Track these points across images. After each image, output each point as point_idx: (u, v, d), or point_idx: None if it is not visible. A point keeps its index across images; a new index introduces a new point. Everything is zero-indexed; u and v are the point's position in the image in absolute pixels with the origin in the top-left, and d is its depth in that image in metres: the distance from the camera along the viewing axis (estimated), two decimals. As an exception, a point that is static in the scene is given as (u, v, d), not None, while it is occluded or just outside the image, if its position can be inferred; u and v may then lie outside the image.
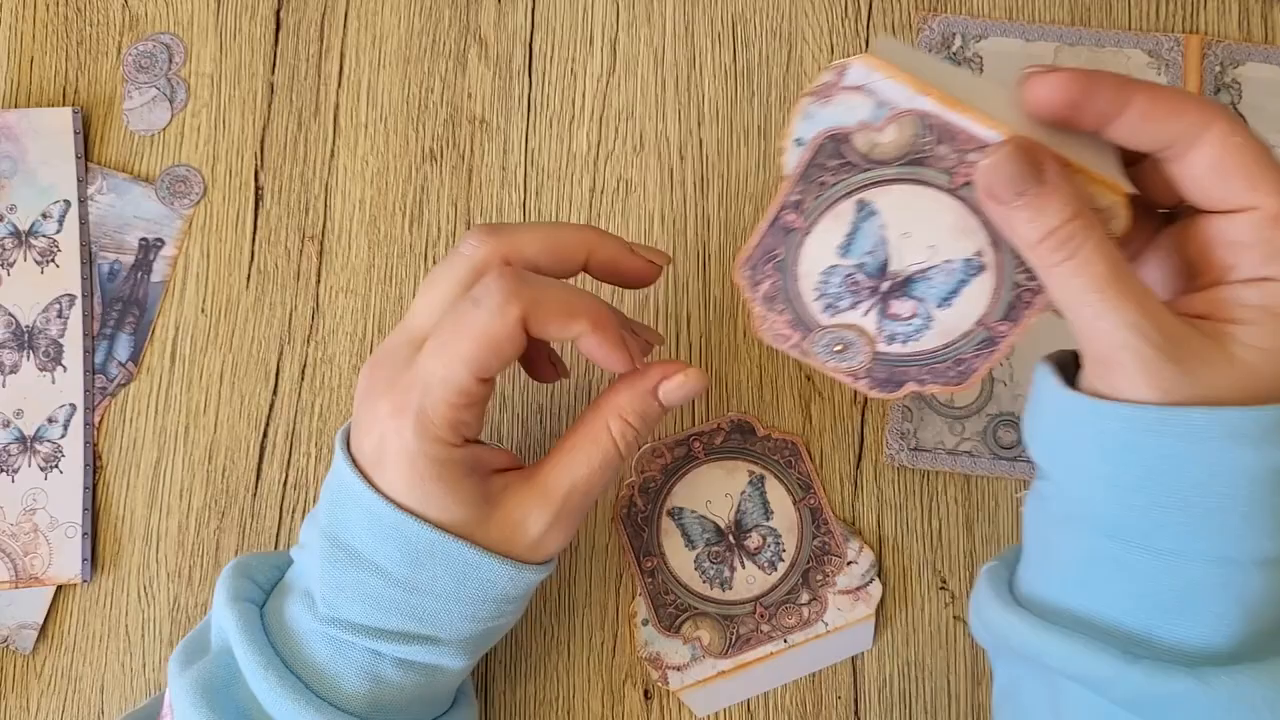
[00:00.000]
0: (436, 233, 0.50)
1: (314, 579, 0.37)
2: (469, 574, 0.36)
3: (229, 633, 0.37)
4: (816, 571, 0.45)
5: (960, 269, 0.33)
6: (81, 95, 0.51)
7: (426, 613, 0.37)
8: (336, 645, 0.37)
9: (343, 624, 0.37)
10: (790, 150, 0.33)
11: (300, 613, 0.37)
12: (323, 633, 0.37)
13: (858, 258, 0.34)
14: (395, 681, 0.37)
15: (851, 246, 0.34)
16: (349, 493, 0.37)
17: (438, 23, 0.51)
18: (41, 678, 0.48)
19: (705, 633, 0.45)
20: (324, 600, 0.37)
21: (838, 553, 0.45)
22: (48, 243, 0.50)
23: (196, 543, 0.48)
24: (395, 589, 0.36)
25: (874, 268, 0.34)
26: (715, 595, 0.45)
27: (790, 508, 0.46)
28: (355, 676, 0.37)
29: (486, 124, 0.50)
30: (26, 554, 0.48)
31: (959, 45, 0.49)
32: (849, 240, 0.34)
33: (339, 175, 0.50)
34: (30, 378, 0.49)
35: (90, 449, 0.49)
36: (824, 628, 0.45)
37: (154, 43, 0.51)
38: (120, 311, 0.50)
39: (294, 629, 0.37)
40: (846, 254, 0.34)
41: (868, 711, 0.46)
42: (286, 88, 0.51)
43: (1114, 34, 0.48)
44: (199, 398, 0.49)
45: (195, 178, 0.50)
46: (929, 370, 0.35)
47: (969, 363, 0.34)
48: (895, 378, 0.35)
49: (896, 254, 0.34)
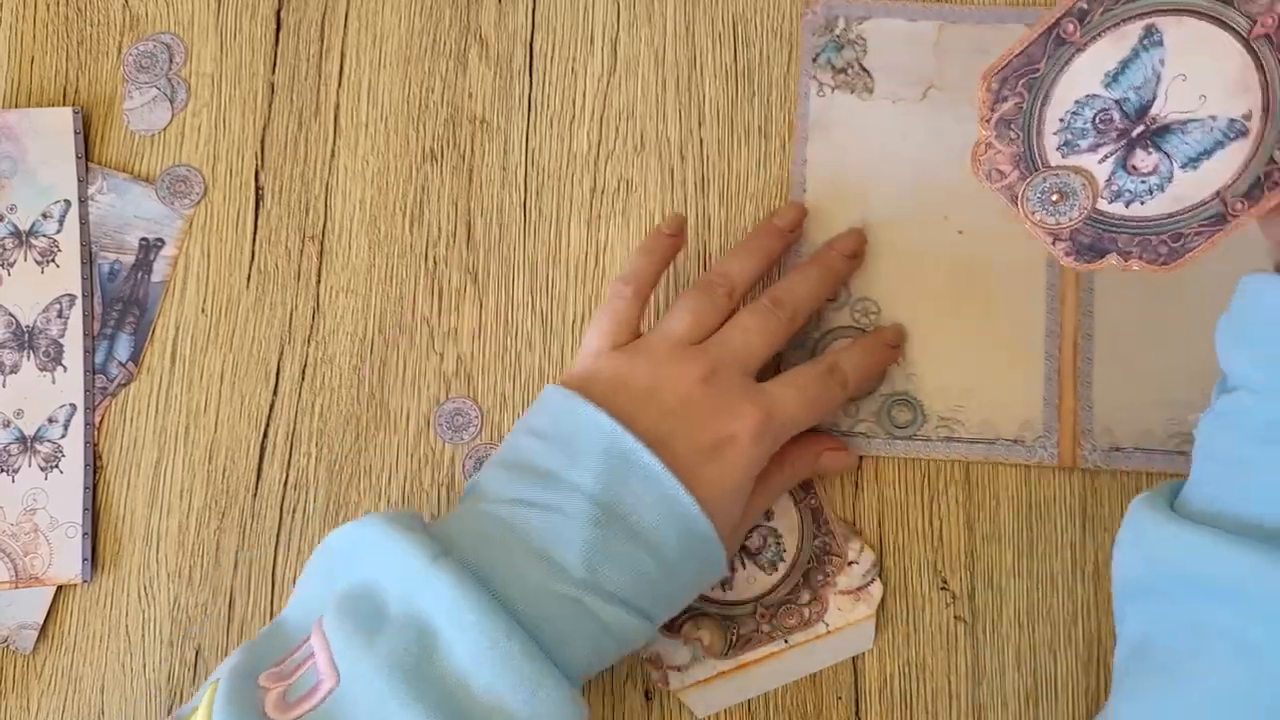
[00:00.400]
0: (437, 233, 0.50)
1: (566, 543, 0.37)
2: (707, 570, 0.41)
3: (439, 598, 0.35)
4: (817, 572, 0.45)
5: (1222, 129, 0.31)
6: (82, 95, 0.51)
7: (667, 597, 0.40)
8: (580, 612, 0.37)
9: (601, 593, 0.37)
10: None
11: (542, 575, 0.36)
12: (572, 598, 0.37)
13: (1122, 91, 0.32)
14: (609, 654, 0.38)
15: (1121, 76, 0.32)
16: (638, 470, 0.38)
17: (438, 22, 0.51)
18: (42, 678, 0.48)
19: (706, 633, 0.45)
20: (586, 566, 0.37)
21: (838, 553, 0.45)
22: (48, 243, 0.50)
23: (197, 543, 0.48)
24: (660, 571, 0.38)
25: (1135, 106, 0.32)
26: (716, 595, 0.45)
27: (791, 508, 0.46)
28: (584, 646, 0.37)
29: (487, 124, 0.50)
30: (27, 554, 0.48)
31: (842, 28, 0.49)
32: (1121, 68, 0.32)
33: (339, 175, 0.50)
34: (30, 378, 0.49)
35: (90, 449, 0.49)
36: (825, 628, 0.45)
37: (154, 43, 0.51)
38: (120, 311, 0.50)
39: (534, 591, 0.36)
40: (1113, 85, 0.32)
41: (868, 711, 0.46)
42: (287, 88, 0.51)
43: (996, 10, 0.49)
44: (199, 398, 0.49)
45: (195, 178, 0.50)
46: (1140, 242, 0.32)
47: (1187, 240, 0.31)
48: (1099, 245, 0.32)
49: (1164, 96, 0.31)
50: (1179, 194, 0.31)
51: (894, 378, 0.47)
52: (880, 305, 0.48)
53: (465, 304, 0.49)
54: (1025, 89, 0.33)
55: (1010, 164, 0.33)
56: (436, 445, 0.48)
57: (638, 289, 0.44)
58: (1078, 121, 0.32)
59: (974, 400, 0.47)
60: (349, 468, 0.48)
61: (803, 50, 0.49)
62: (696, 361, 0.41)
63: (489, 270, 0.49)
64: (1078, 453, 0.46)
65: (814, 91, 0.49)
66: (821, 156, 0.49)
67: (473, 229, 0.50)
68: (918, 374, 0.47)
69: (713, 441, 0.40)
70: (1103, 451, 0.46)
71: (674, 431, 0.40)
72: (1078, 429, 0.46)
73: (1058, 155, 0.32)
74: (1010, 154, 0.33)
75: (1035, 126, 0.33)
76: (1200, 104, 0.31)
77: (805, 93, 0.49)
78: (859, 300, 0.48)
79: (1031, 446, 0.46)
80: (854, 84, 0.49)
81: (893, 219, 0.48)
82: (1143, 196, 0.32)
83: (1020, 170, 0.33)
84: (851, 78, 0.49)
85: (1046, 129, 0.33)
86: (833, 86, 0.49)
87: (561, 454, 0.39)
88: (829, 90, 0.49)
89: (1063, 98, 0.32)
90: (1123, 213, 0.32)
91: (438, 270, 0.49)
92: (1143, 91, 0.32)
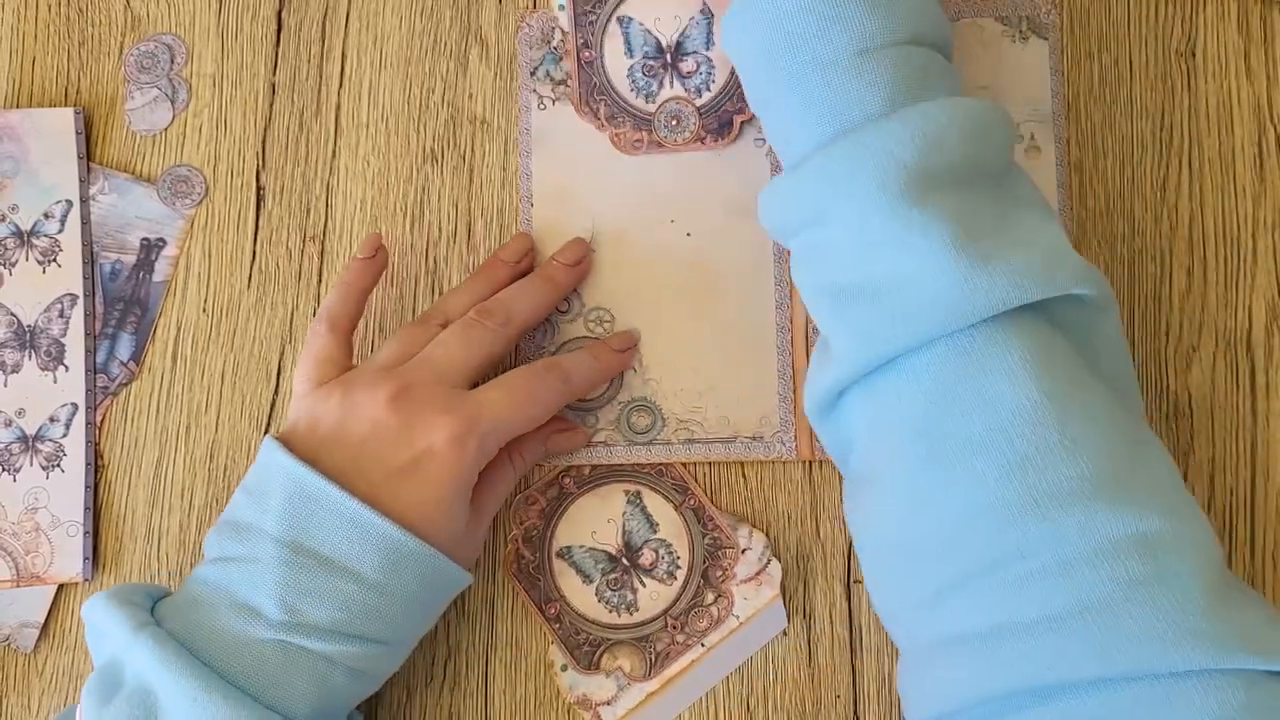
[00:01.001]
0: (438, 233, 0.50)
1: (261, 589, 0.38)
2: (436, 580, 0.40)
3: (148, 664, 0.37)
4: (714, 569, 0.45)
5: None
6: (83, 95, 0.51)
7: (391, 616, 0.39)
8: (289, 652, 0.38)
9: (305, 629, 0.38)
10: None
11: (242, 626, 0.38)
12: (276, 641, 0.38)
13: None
14: (343, 686, 0.39)
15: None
16: (322, 502, 0.39)
17: (439, 23, 0.51)
18: (43, 676, 0.48)
19: (624, 660, 0.45)
20: (282, 607, 0.38)
21: (730, 544, 0.45)
22: (49, 242, 0.50)
23: (197, 542, 0.48)
24: (370, 595, 0.39)
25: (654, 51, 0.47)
26: (624, 621, 0.45)
27: (673, 514, 0.46)
28: (303, 684, 0.38)
29: (488, 124, 0.50)
30: (28, 553, 0.48)
31: (558, 40, 0.50)
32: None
33: (340, 176, 0.50)
34: (32, 377, 0.49)
35: (92, 448, 0.49)
36: (736, 620, 0.45)
37: (156, 43, 0.52)
38: (122, 311, 0.50)
39: (234, 643, 0.38)
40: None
41: (867, 711, 0.46)
42: (288, 88, 0.51)
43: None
44: (200, 397, 0.49)
45: (197, 178, 0.51)
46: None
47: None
48: (724, 119, 0.46)
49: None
50: (723, 60, 0.49)
51: (632, 384, 0.48)
52: (614, 313, 0.48)
53: (465, 304, 0.49)
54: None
55: (635, 130, 0.48)
56: (437, 445, 0.49)
57: (332, 324, 0.44)
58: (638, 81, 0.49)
59: (712, 400, 0.47)
60: (349, 467, 0.49)
61: (520, 64, 0.50)
62: (385, 384, 0.41)
63: (489, 270, 0.50)
64: (815, 445, 0.47)
65: (535, 105, 0.50)
66: (546, 169, 0.49)
67: (473, 229, 0.50)
68: (655, 378, 0.48)
69: (409, 458, 0.40)
70: None
71: (364, 456, 0.40)
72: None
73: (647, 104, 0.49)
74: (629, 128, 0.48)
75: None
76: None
77: (526, 106, 0.50)
78: (592, 310, 0.48)
79: (770, 442, 0.47)
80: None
81: (621, 227, 0.49)
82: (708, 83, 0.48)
83: (643, 130, 0.49)
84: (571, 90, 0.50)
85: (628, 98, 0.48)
86: (553, 99, 0.49)
87: (255, 504, 0.40)
88: (550, 103, 0.49)
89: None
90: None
91: (438, 270, 0.50)
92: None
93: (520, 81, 0.50)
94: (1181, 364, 0.48)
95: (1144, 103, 0.49)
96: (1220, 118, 0.49)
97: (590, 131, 0.49)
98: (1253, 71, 0.49)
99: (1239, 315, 0.48)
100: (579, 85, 0.49)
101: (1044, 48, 0.49)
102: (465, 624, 0.47)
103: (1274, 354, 0.48)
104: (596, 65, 0.49)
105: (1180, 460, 0.47)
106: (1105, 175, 0.49)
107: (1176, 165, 0.49)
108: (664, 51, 0.49)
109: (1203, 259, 0.48)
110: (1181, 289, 0.48)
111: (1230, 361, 0.48)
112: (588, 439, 0.47)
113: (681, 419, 0.47)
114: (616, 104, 0.49)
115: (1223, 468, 0.47)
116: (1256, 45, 0.49)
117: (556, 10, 0.49)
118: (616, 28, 0.49)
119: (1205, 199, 0.49)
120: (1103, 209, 0.49)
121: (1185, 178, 0.49)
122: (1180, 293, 0.48)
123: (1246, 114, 0.49)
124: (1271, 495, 0.47)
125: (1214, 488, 0.47)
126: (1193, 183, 0.49)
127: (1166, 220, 0.49)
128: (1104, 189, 0.49)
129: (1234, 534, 0.47)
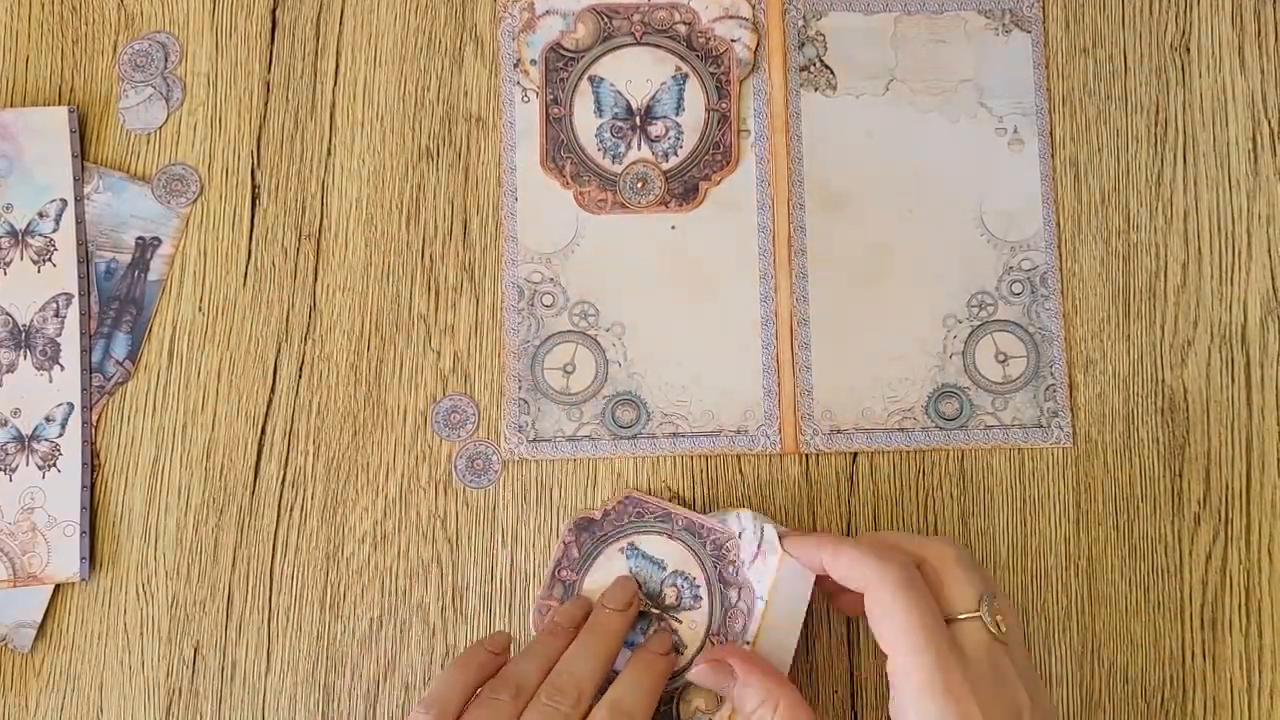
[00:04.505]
0: (433, 231, 0.50)
1: None
2: None
3: None
4: (725, 567, 0.45)
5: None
6: (77, 94, 0.51)
7: None
8: None
9: None
10: None
11: None
12: None
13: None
14: None
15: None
16: None
17: (434, 20, 0.51)
18: (40, 676, 0.48)
19: (698, 699, 0.44)
20: None
21: (725, 537, 0.45)
22: (44, 242, 0.50)
23: (195, 541, 0.48)
24: None
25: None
26: (680, 665, 0.45)
27: (670, 544, 0.46)
28: None
29: (482, 122, 0.50)
30: (24, 553, 0.48)
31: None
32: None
33: (335, 173, 0.50)
34: (27, 377, 0.49)
35: (88, 447, 0.49)
36: (763, 604, 0.44)
37: (150, 41, 0.51)
38: (117, 310, 0.50)
39: None
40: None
41: (864, 707, 0.46)
42: (283, 86, 0.51)
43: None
44: (196, 396, 0.49)
45: (192, 176, 0.51)
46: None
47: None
48: (689, 185, 0.48)
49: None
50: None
51: (616, 378, 0.48)
52: (599, 307, 0.48)
53: (462, 301, 0.49)
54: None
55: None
56: (433, 442, 0.49)
57: (440, 713, 0.41)
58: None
59: (696, 394, 0.48)
60: (346, 465, 0.49)
61: (503, 56, 0.50)
62: None
63: (485, 268, 0.50)
64: (799, 438, 0.47)
65: (518, 98, 0.50)
66: (530, 162, 0.50)
67: (469, 227, 0.50)
68: (640, 372, 0.48)
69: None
70: (824, 435, 0.47)
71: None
72: (798, 414, 0.47)
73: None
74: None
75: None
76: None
77: (509, 99, 0.50)
78: (577, 303, 0.48)
79: (754, 436, 0.47)
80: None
81: (606, 219, 0.49)
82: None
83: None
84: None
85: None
86: (536, 91, 0.50)
87: None
88: (533, 95, 0.50)
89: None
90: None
91: (434, 268, 0.50)
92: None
93: (504, 75, 0.50)
94: (1177, 358, 0.48)
95: (1139, 97, 0.49)
96: (1215, 112, 0.49)
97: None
98: (1247, 66, 0.49)
99: (1234, 309, 0.48)
100: (545, 141, 0.49)
101: (1027, 40, 0.49)
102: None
103: (1269, 347, 0.48)
104: (565, 122, 0.50)
105: (1176, 454, 0.47)
106: (1100, 169, 0.49)
107: (1171, 159, 0.49)
108: (634, 114, 0.49)
109: (1197, 253, 0.48)
110: (1176, 283, 0.48)
111: (1225, 355, 0.48)
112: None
113: (666, 413, 0.47)
114: (583, 162, 0.49)
115: (1218, 461, 0.47)
116: (1251, 39, 0.49)
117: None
118: (588, 86, 0.50)
119: (1200, 193, 0.49)
120: (1098, 203, 0.49)
121: (1180, 172, 0.49)
122: (1175, 287, 0.48)
123: (1241, 108, 0.49)
124: (1267, 488, 0.47)
125: (1209, 481, 0.47)
126: (1187, 177, 0.49)
127: (1161, 214, 0.49)
128: (1099, 183, 0.49)
129: (1230, 527, 0.47)
